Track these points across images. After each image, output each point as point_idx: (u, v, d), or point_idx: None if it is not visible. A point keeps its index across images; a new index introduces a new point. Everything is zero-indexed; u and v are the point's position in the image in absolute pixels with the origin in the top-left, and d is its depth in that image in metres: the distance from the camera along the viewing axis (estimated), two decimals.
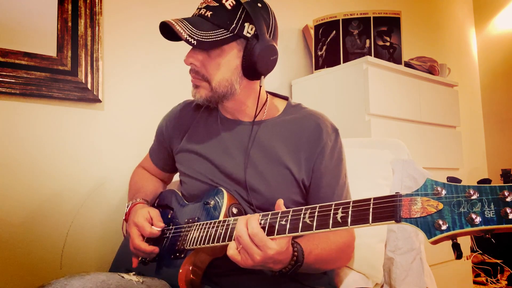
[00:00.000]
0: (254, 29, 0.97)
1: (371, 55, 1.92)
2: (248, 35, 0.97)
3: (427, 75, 2.10)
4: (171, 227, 1.07)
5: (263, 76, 1.03)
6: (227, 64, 0.99)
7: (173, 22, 0.93)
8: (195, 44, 0.92)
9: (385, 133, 1.82)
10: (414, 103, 2.00)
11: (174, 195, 1.18)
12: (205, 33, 0.93)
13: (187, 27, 0.93)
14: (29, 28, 1.44)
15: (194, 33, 0.93)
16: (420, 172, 1.27)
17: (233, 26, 0.95)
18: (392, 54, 1.98)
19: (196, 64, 0.99)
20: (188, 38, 0.92)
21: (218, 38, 0.94)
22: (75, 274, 0.83)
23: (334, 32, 2.05)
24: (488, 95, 3.45)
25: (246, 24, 0.96)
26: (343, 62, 1.99)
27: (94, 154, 1.57)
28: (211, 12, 0.95)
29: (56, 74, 1.47)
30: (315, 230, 0.71)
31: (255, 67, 0.98)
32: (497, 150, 3.36)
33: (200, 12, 0.97)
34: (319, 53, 2.10)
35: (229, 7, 0.95)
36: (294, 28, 2.29)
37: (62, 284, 0.78)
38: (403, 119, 1.93)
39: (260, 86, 1.04)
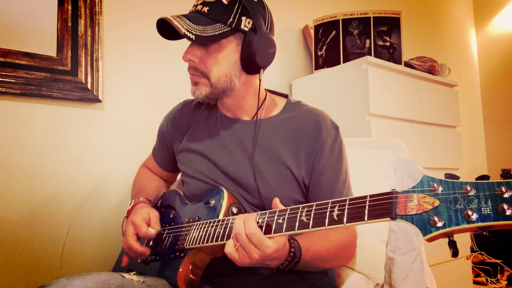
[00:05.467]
0: (251, 23, 0.98)
1: (371, 55, 1.92)
2: (246, 29, 0.97)
3: (427, 75, 2.10)
4: (172, 226, 1.07)
5: (262, 70, 1.03)
6: (226, 58, 0.99)
7: (171, 18, 0.93)
8: (193, 39, 0.92)
9: (385, 133, 1.81)
10: (414, 103, 2.00)
11: (177, 195, 1.18)
12: (203, 28, 0.93)
13: (185, 23, 0.93)
14: (29, 28, 1.45)
15: (192, 28, 0.92)
16: (420, 172, 1.27)
17: (230, 20, 0.95)
18: (392, 54, 1.98)
19: (194, 61, 0.99)
20: (186, 33, 0.91)
21: (216, 33, 0.94)
22: (75, 273, 0.82)
23: (334, 32, 2.05)
24: (488, 95, 3.45)
25: (243, 18, 0.96)
26: (343, 62, 1.99)
27: (94, 154, 1.57)
28: (208, 8, 0.95)
29: (56, 74, 1.48)
30: (312, 228, 0.71)
31: (254, 60, 0.98)
32: (497, 150, 3.35)
33: (196, 9, 0.98)
34: (319, 53, 2.10)
35: (225, 2, 0.95)
36: (294, 28, 2.29)
37: (63, 284, 0.78)
38: (403, 119, 1.93)
39: (260, 80, 1.04)
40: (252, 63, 0.99)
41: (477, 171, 3.28)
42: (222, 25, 0.95)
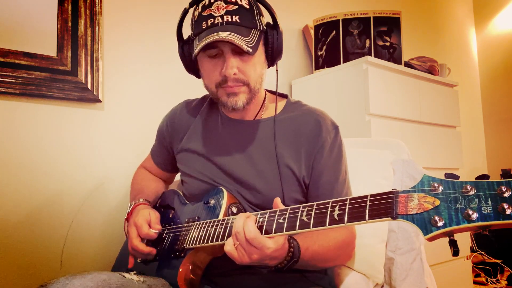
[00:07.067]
0: (266, 20, 1.01)
1: (371, 55, 1.92)
2: (265, 27, 1.00)
3: (427, 75, 2.10)
4: (172, 226, 1.07)
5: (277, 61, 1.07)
6: (259, 61, 1.01)
7: (228, 37, 0.90)
8: (251, 52, 0.92)
9: (385, 133, 1.81)
10: (414, 103, 2.00)
11: (176, 195, 1.18)
12: (248, 39, 0.93)
13: (239, 38, 0.92)
14: (29, 28, 1.45)
15: (245, 41, 0.92)
16: (420, 172, 1.27)
17: (258, 23, 0.98)
18: (392, 54, 1.98)
19: (236, 72, 0.97)
20: (248, 49, 0.91)
21: (256, 39, 0.96)
22: (76, 273, 0.82)
23: (334, 32, 2.05)
24: (488, 95, 3.45)
25: (262, 18, 1.00)
26: (343, 62, 1.99)
27: (94, 154, 1.57)
28: (237, 16, 0.94)
29: (56, 74, 1.48)
30: (312, 227, 0.71)
31: (279, 54, 1.03)
32: (497, 150, 3.35)
33: (226, 19, 0.94)
34: (319, 53, 2.10)
35: (247, 7, 0.96)
36: (294, 28, 2.29)
37: (63, 283, 0.78)
38: (403, 119, 1.93)
39: (277, 70, 1.08)
40: (273, 56, 1.03)
41: (477, 171, 3.28)
42: (255, 31, 0.97)
